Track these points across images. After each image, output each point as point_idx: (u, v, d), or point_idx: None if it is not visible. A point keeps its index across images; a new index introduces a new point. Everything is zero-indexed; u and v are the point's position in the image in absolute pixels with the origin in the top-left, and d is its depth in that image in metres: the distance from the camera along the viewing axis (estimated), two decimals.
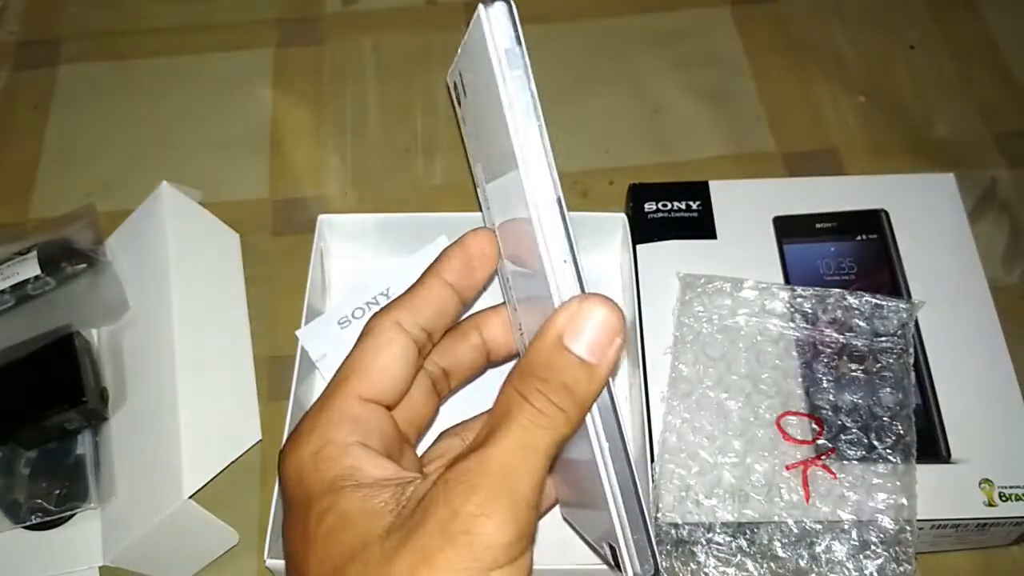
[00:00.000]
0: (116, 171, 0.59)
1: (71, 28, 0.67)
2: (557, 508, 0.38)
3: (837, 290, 0.47)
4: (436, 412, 0.36)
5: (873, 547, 0.41)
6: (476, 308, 0.38)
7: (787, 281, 0.48)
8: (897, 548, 0.41)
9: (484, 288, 0.35)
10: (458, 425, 0.37)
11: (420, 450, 0.36)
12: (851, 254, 0.49)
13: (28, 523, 0.45)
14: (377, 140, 0.61)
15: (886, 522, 0.41)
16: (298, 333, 0.47)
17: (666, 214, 0.51)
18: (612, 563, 0.30)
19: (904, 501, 0.42)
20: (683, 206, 0.51)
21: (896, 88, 0.62)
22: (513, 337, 0.36)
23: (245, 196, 0.58)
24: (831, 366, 0.45)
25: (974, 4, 0.65)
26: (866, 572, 0.41)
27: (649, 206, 0.51)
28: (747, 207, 0.51)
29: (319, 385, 0.50)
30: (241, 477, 0.48)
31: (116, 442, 0.47)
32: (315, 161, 0.60)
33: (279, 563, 0.41)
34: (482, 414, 0.35)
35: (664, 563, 0.42)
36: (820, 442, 0.43)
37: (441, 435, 0.37)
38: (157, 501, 0.43)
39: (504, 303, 0.37)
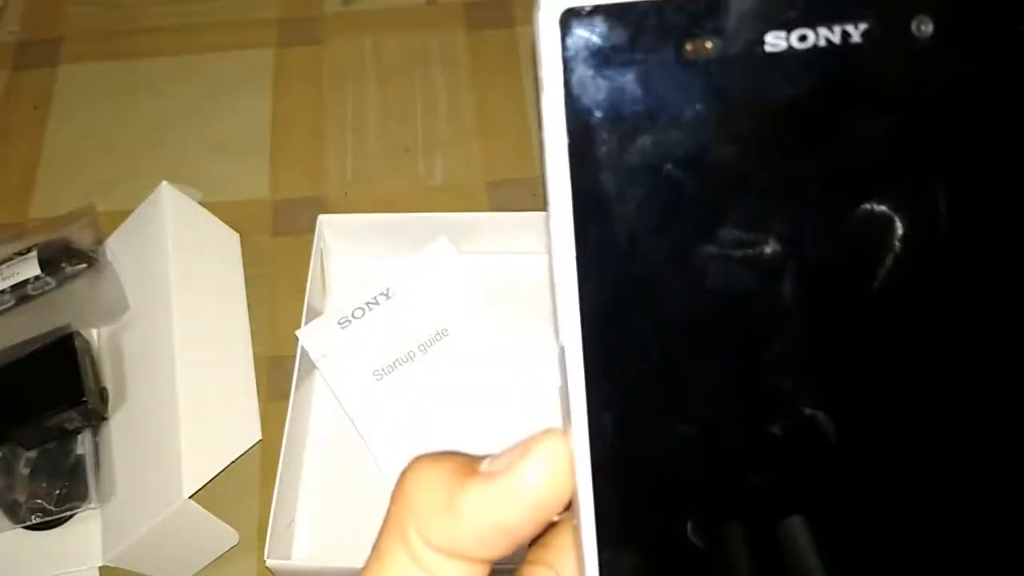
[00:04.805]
0: (116, 171, 0.59)
1: (71, 28, 0.67)
2: None
3: None
4: None
5: None
6: None
7: None
8: None
9: None
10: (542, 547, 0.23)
11: None
12: None
13: (28, 523, 0.45)
14: (377, 140, 0.61)
15: None
16: (298, 333, 0.47)
17: None
18: None
19: None
20: None
21: None
22: None
23: (245, 196, 0.58)
24: None
25: None
26: None
27: None
28: None
29: (319, 385, 0.50)
30: (241, 477, 0.48)
31: (116, 442, 0.47)
32: (315, 161, 0.60)
33: (279, 563, 0.41)
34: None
35: None
36: None
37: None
38: (157, 501, 0.43)
39: None
